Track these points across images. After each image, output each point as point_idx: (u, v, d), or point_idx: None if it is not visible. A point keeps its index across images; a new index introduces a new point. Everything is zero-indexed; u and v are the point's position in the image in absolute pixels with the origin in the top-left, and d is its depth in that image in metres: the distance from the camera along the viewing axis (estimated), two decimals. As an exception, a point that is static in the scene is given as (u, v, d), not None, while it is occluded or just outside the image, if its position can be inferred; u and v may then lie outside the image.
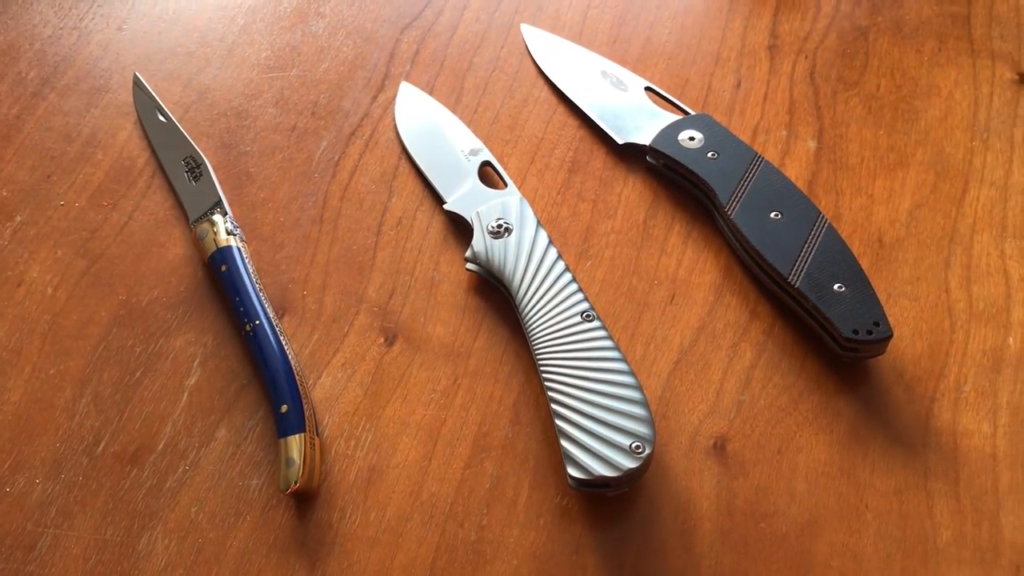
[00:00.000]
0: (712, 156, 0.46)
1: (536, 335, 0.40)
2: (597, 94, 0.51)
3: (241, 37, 0.55)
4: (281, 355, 0.40)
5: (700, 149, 0.46)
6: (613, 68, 0.52)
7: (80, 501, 0.39)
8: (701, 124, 0.48)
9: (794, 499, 0.38)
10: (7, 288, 0.45)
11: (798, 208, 0.44)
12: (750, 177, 0.45)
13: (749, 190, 0.44)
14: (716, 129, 0.47)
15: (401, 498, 0.38)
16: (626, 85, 0.51)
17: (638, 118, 0.49)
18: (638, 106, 0.50)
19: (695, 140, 0.47)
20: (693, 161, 0.46)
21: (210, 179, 0.47)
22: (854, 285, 0.41)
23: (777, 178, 0.45)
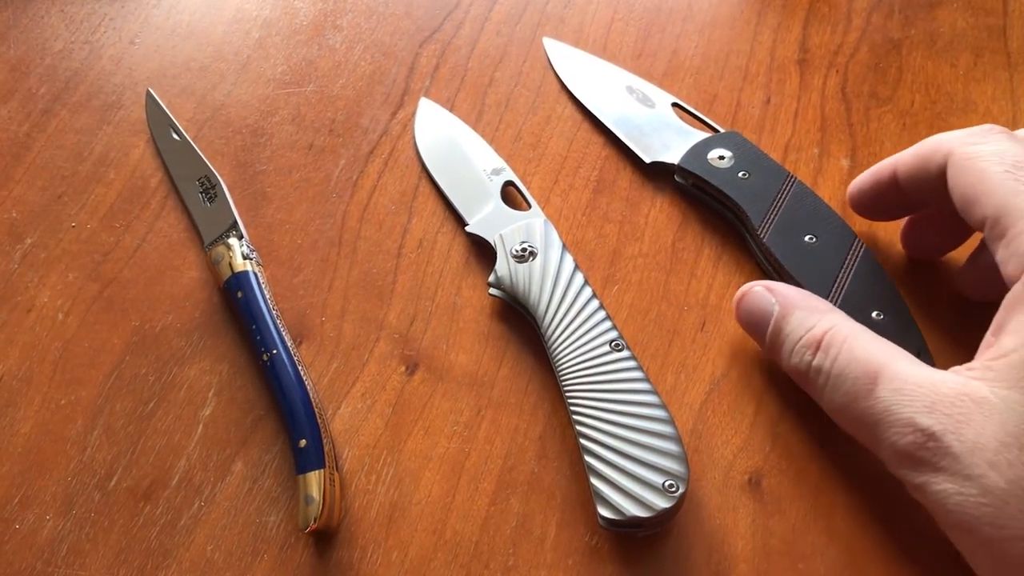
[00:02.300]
0: (743, 176, 0.44)
1: (563, 365, 0.39)
2: (623, 111, 0.49)
3: (256, 51, 0.53)
4: (300, 387, 0.38)
5: (730, 168, 0.45)
6: (639, 83, 0.50)
7: (92, 539, 0.37)
8: (731, 142, 0.46)
9: (833, 539, 0.36)
10: (17, 314, 0.43)
11: (833, 231, 0.42)
12: (783, 198, 0.43)
13: (782, 212, 0.43)
14: (747, 147, 0.46)
15: (424, 536, 0.37)
16: (652, 101, 0.49)
17: (665, 136, 0.48)
18: (665, 123, 0.48)
19: (725, 159, 0.45)
20: (724, 181, 0.44)
21: (225, 200, 0.45)
22: (893, 312, 0.39)
23: (811, 199, 0.43)
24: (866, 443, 0.34)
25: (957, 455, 0.29)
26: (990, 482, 0.29)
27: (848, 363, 0.34)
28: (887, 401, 0.32)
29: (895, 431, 0.31)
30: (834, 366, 0.34)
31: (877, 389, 0.32)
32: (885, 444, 0.32)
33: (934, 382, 0.31)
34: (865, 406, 0.32)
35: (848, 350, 0.34)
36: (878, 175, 0.41)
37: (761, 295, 0.38)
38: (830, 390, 0.34)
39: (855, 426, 0.34)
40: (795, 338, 0.36)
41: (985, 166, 0.34)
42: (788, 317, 0.37)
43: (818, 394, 0.35)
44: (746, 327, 0.39)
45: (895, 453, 0.32)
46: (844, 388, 0.33)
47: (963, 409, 0.30)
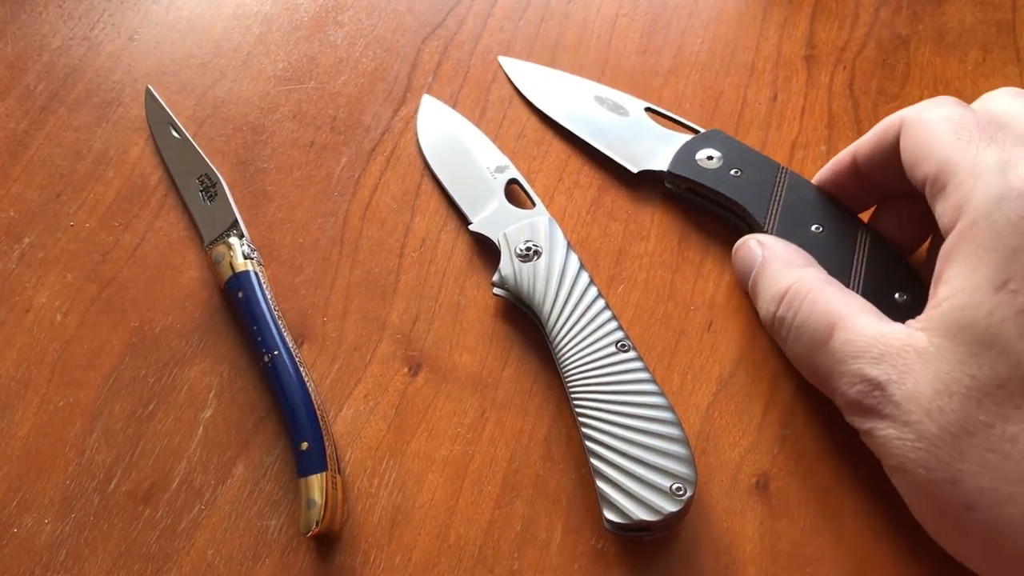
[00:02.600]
0: (736, 174, 0.43)
1: (568, 366, 0.38)
2: (597, 123, 0.48)
3: (257, 47, 0.53)
4: (301, 389, 0.38)
5: (721, 168, 0.43)
6: (606, 92, 0.49)
7: (91, 543, 0.37)
8: (716, 141, 0.45)
9: (843, 542, 0.36)
10: (15, 315, 0.43)
11: (838, 218, 0.41)
12: (780, 191, 0.42)
13: (783, 205, 0.42)
14: (732, 144, 0.44)
15: (427, 540, 0.37)
16: (625, 109, 0.48)
17: (647, 143, 0.46)
18: (644, 130, 0.47)
19: (714, 159, 0.44)
20: (718, 182, 0.43)
21: (226, 198, 0.45)
22: (915, 292, 0.38)
23: (807, 188, 0.42)
24: (825, 392, 0.35)
25: (898, 403, 0.31)
26: (924, 428, 0.30)
27: (808, 316, 0.35)
28: (840, 352, 0.33)
29: (845, 381, 0.33)
30: (796, 318, 0.35)
31: (831, 341, 0.34)
32: (838, 393, 0.34)
33: (884, 334, 0.32)
34: (820, 357, 0.34)
35: (811, 302, 0.35)
36: (837, 165, 0.41)
37: (750, 248, 0.40)
38: (791, 341, 0.36)
39: (813, 376, 0.36)
40: (766, 291, 0.38)
41: (932, 127, 0.34)
42: (765, 271, 0.38)
43: (782, 345, 0.37)
44: (736, 275, 0.41)
45: (846, 402, 0.33)
46: (803, 340, 0.35)
47: (907, 359, 0.31)
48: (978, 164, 0.32)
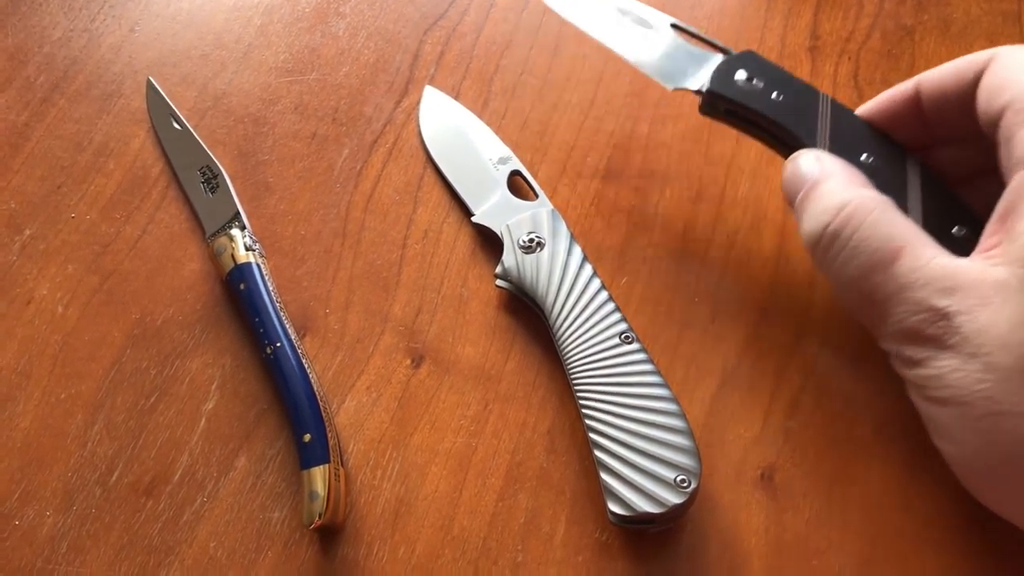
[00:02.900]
0: (777, 97, 0.39)
1: (571, 357, 0.38)
2: (623, 36, 0.44)
3: (258, 39, 0.52)
4: (304, 381, 0.38)
5: (763, 90, 0.40)
6: (629, 4, 0.45)
7: (93, 535, 0.37)
8: (752, 63, 0.41)
9: (848, 534, 0.36)
10: (16, 306, 0.43)
11: (888, 149, 0.38)
12: (825, 118, 0.39)
13: (831, 131, 0.39)
14: (769, 67, 0.41)
15: (431, 532, 0.36)
16: (650, 23, 0.44)
17: (678, 60, 0.42)
18: (672, 46, 0.43)
19: (754, 81, 0.40)
20: (762, 104, 0.39)
21: (227, 190, 0.45)
22: (972, 227, 0.35)
23: (852, 118, 0.39)
24: (864, 318, 0.34)
25: (966, 335, 0.30)
26: (996, 360, 0.29)
27: (869, 235, 0.33)
28: (904, 279, 0.32)
29: (906, 309, 0.32)
30: (854, 235, 0.33)
31: (895, 266, 0.32)
32: (891, 320, 0.32)
33: (956, 266, 0.31)
34: (879, 281, 0.32)
35: (873, 222, 0.33)
36: (894, 96, 0.38)
37: (809, 160, 0.37)
38: (843, 259, 0.33)
39: (860, 301, 0.34)
40: (821, 203, 0.35)
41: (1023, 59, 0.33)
42: (823, 183, 0.35)
43: (828, 264, 0.34)
44: (785, 188, 0.37)
45: (900, 330, 0.32)
46: (859, 260, 0.33)
47: (982, 292, 0.30)
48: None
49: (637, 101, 0.49)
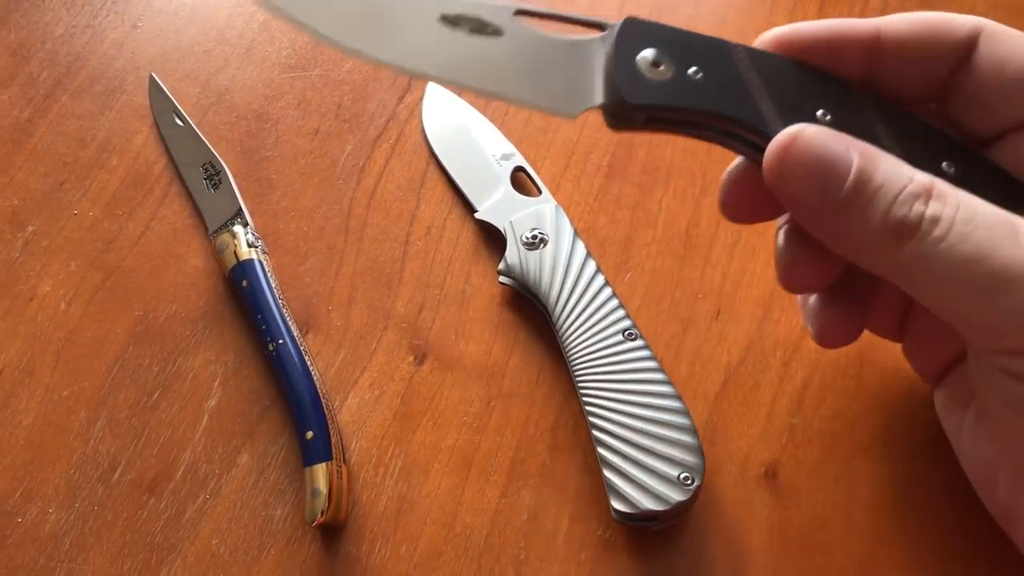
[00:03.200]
0: (696, 74, 0.30)
1: (575, 354, 0.38)
2: (463, 62, 0.30)
3: (261, 34, 0.52)
4: (306, 378, 0.38)
5: (677, 74, 0.29)
6: (456, 5, 0.31)
7: (95, 532, 0.37)
8: (643, 37, 0.30)
9: (852, 531, 0.36)
10: (19, 303, 0.43)
11: (839, 94, 0.31)
12: (755, 80, 0.30)
13: (770, 97, 0.30)
14: (666, 35, 0.30)
15: (433, 530, 0.36)
16: (493, 25, 0.30)
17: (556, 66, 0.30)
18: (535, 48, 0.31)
19: (661, 65, 0.29)
20: (686, 96, 0.30)
21: (230, 187, 0.44)
22: (961, 160, 0.31)
23: (783, 67, 0.31)
24: (986, 313, 0.27)
25: None
26: None
27: (975, 210, 0.27)
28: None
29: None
30: (959, 213, 0.27)
31: (1022, 235, 0.26)
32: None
33: None
34: (1010, 253, 0.26)
35: (969, 200, 0.27)
36: (848, 34, 0.31)
37: (829, 138, 0.28)
38: (953, 243, 0.26)
39: (984, 287, 0.26)
40: (895, 188, 0.27)
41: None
42: (877, 164, 0.28)
43: (927, 256, 0.27)
44: (801, 182, 0.28)
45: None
46: (976, 238, 0.26)
47: None
48: None
49: (641, 96, 0.49)
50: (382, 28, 0.30)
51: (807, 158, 0.28)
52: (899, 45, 0.31)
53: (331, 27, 0.30)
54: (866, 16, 0.51)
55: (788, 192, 0.29)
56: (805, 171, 0.28)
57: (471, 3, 0.31)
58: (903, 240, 0.27)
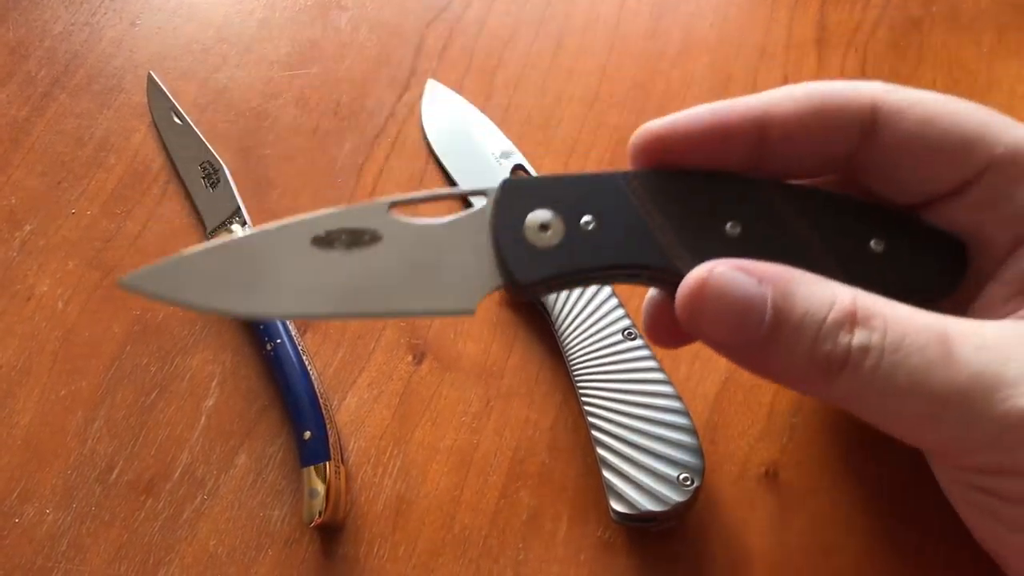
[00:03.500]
0: (590, 225, 0.28)
1: (574, 354, 0.38)
2: (358, 284, 0.28)
3: (260, 32, 0.52)
4: (304, 378, 0.37)
5: (570, 232, 0.28)
6: (328, 220, 0.28)
7: (93, 533, 0.36)
8: (525, 195, 0.28)
9: (854, 532, 0.35)
10: (16, 303, 0.42)
11: (743, 199, 0.29)
12: (649, 209, 0.28)
13: (669, 223, 0.28)
14: (549, 187, 0.29)
15: (432, 530, 0.36)
16: (373, 232, 0.28)
17: (447, 254, 0.28)
18: (420, 240, 0.28)
19: (549, 227, 0.28)
20: (584, 255, 0.28)
21: (228, 186, 0.44)
22: (890, 232, 0.29)
23: (672, 183, 0.29)
24: (932, 436, 0.26)
25: None
26: None
27: (906, 331, 0.25)
28: (980, 363, 0.24)
29: (1003, 395, 0.24)
30: (887, 339, 0.25)
31: (955, 351, 0.24)
32: (991, 416, 0.24)
33: (1017, 330, 0.25)
34: (944, 377, 0.24)
35: (896, 318, 0.25)
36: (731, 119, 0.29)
37: (735, 278, 0.26)
38: (885, 373, 0.25)
39: (925, 413, 0.25)
40: (816, 319, 0.25)
41: (956, 105, 0.28)
42: (793, 296, 0.26)
43: (861, 388, 0.25)
44: (718, 328, 0.26)
45: (1013, 424, 0.24)
46: (909, 365, 0.24)
47: None
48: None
49: (642, 94, 0.49)
50: (254, 279, 0.27)
51: (718, 304, 0.26)
52: (788, 128, 0.29)
53: (203, 295, 0.27)
54: (866, 17, 0.51)
55: (706, 338, 0.27)
56: (718, 317, 0.26)
57: (340, 214, 0.28)
58: (833, 374, 0.25)
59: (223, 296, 0.27)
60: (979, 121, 0.28)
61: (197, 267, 0.27)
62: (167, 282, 0.27)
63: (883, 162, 0.29)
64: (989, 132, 0.28)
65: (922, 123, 0.28)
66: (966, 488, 0.28)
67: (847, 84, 0.29)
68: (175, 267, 0.27)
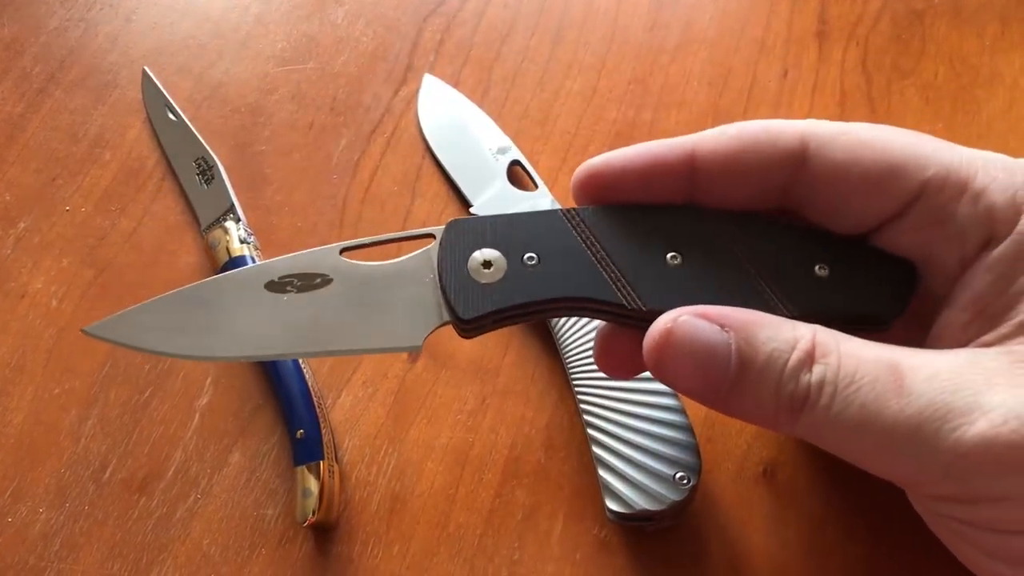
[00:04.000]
0: (532, 261, 0.29)
1: (570, 352, 0.37)
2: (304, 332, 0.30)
3: (256, 28, 0.52)
4: (297, 376, 0.37)
5: (512, 269, 0.29)
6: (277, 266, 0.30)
7: (86, 532, 0.36)
8: (466, 235, 0.29)
9: (853, 532, 0.35)
10: (10, 300, 0.42)
11: (683, 230, 0.30)
12: (591, 242, 0.29)
13: (611, 257, 0.29)
14: (488, 228, 0.30)
15: (427, 530, 0.36)
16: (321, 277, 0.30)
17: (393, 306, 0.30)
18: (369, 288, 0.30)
19: (492, 264, 0.29)
20: (530, 290, 0.29)
21: (222, 182, 0.44)
22: (834, 258, 0.29)
23: (612, 217, 0.30)
24: (891, 468, 0.26)
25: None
26: None
27: (858, 365, 0.25)
28: (930, 394, 0.24)
29: (952, 425, 0.24)
30: (840, 373, 0.25)
31: (906, 383, 0.25)
32: (943, 447, 0.24)
33: (972, 359, 0.25)
34: (896, 409, 0.24)
35: (849, 352, 0.26)
36: (658, 156, 0.30)
37: (698, 327, 0.26)
38: (839, 408, 0.25)
39: (881, 446, 0.25)
40: (779, 363, 0.26)
41: (886, 133, 0.29)
42: (756, 340, 0.26)
43: (820, 423, 0.26)
44: (685, 376, 0.27)
45: (963, 453, 0.24)
46: (861, 398, 0.25)
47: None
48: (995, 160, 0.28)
49: (640, 88, 0.48)
50: (211, 324, 0.29)
51: (683, 352, 0.26)
52: (716, 163, 0.30)
53: (162, 341, 0.29)
54: (867, 10, 0.50)
55: (675, 387, 0.28)
56: (684, 365, 0.27)
57: (293, 259, 0.30)
58: (796, 412, 0.26)
59: (182, 341, 0.29)
60: (907, 145, 0.28)
61: (157, 315, 0.29)
62: (128, 330, 0.29)
63: (818, 193, 0.30)
64: (918, 156, 0.28)
65: (850, 152, 0.29)
66: (937, 516, 0.28)
67: (778, 121, 0.30)
68: (135, 316, 0.29)
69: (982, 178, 0.27)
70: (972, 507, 0.26)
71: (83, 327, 0.28)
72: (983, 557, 0.27)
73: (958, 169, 0.28)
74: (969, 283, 0.28)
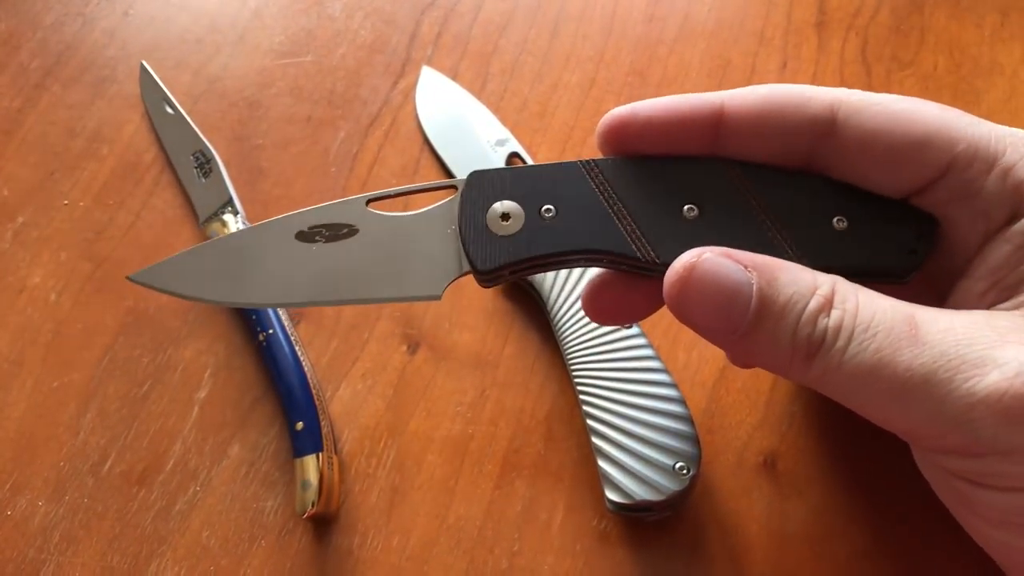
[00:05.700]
0: (550, 213, 0.29)
1: (569, 343, 0.37)
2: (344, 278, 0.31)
3: (253, 21, 0.52)
4: (297, 368, 0.37)
5: (531, 220, 0.29)
6: (309, 217, 0.31)
7: (85, 525, 0.36)
8: (485, 188, 0.30)
9: (852, 522, 0.35)
10: (8, 295, 0.42)
11: (702, 183, 0.29)
12: (609, 194, 0.29)
13: (629, 208, 0.29)
14: (508, 179, 0.30)
15: (426, 521, 0.36)
16: (348, 225, 0.31)
17: (414, 251, 0.30)
18: (391, 236, 0.31)
19: (511, 216, 0.29)
20: (547, 242, 0.29)
21: (220, 176, 0.44)
22: (852, 210, 0.29)
23: (630, 169, 0.30)
24: (901, 418, 0.26)
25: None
26: None
27: (874, 312, 0.26)
28: (944, 345, 0.25)
29: (966, 376, 0.24)
30: (858, 319, 0.26)
31: (922, 333, 0.25)
32: (954, 397, 0.24)
33: (987, 318, 0.26)
34: (910, 357, 0.25)
35: (867, 301, 0.26)
36: (686, 110, 0.30)
37: (723, 264, 0.27)
38: (853, 353, 0.25)
39: (892, 393, 0.25)
40: (799, 306, 0.26)
41: (917, 105, 0.28)
42: (777, 283, 0.26)
43: (833, 368, 0.26)
44: (705, 313, 0.27)
45: (974, 403, 0.24)
46: (876, 344, 0.25)
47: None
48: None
49: (639, 80, 0.48)
50: (244, 272, 0.30)
51: (706, 289, 0.27)
52: (744, 122, 0.30)
53: (197, 287, 0.31)
54: (866, 0, 0.50)
55: (694, 324, 0.28)
56: (706, 304, 0.27)
57: (321, 209, 0.31)
58: (811, 357, 0.26)
59: (215, 287, 0.30)
60: (939, 119, 0.28)
61: (193, 262, 0.31)
62: (169, 277, 0.31)
63: (845, 161, 0.29)
64: (950, 129, 0.28)
65: (880, 123, 0.28)
66: (943, 476, 0.28)
67: (810, 87, 0.30)
68: (176, 263, 0.31)
69: (1011, 155, 0.28)
70: (980, 461, 0.25)
71: (128, 275, 0.31)
72: (989, 528, 0.27)
73: (987, 145, 0.28)
74: (989, 254, 0.28)
